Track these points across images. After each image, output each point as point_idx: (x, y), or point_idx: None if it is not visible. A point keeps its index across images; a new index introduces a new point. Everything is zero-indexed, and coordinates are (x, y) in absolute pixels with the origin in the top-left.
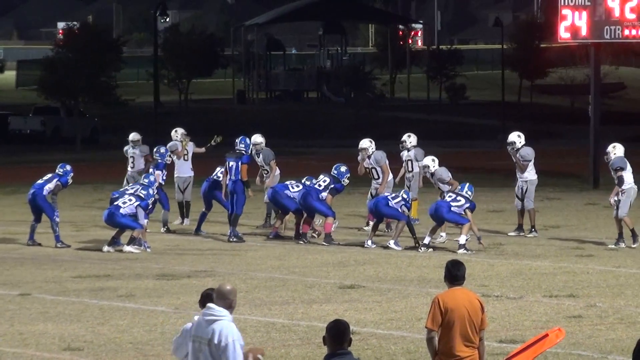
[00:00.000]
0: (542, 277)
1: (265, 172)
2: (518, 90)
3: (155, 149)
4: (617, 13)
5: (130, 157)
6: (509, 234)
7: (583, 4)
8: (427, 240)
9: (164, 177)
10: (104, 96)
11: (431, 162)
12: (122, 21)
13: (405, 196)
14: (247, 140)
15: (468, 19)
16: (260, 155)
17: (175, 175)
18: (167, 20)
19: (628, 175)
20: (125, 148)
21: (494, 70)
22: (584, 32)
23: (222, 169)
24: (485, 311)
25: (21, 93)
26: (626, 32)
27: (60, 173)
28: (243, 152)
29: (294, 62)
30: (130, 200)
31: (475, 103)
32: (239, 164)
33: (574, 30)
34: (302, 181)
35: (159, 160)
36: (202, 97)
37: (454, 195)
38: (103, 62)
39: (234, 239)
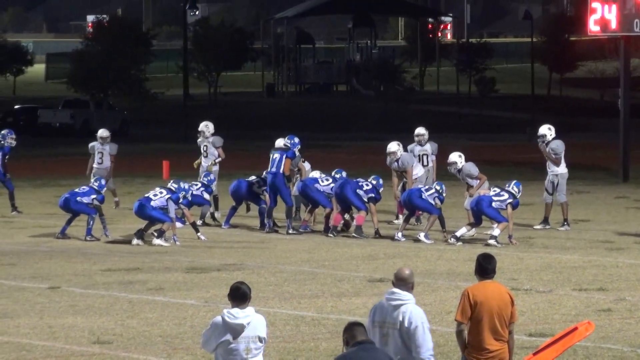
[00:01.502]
0: (572, 270)
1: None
2: (547, 83)
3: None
4: None
5: (99, 153)
6: (535, 227)
7: None
8: (459, 233)
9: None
10: (134, 89)
11: (458, 158)
12: (151, 14)
13: (438, 187)
14: (296, 138)
15: (497, 12)
16: None
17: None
18: (197, 13)
19: None
20: (93, 144)
21: (524, 64)
22: (613, 25)
23: (255, 178)
24: (515, 305)
25: (50, 86)
26: None
27: (96, 188)
28: (289, 147)
29: (324, 55)
30: (161, 192)
31: (505, 96)
32: (283, 157)
33: (603, 23)
34: (332, 174)
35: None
36: (231, 90)
37: (498, 190)
38: (133, 55)
39: (293, 232)
